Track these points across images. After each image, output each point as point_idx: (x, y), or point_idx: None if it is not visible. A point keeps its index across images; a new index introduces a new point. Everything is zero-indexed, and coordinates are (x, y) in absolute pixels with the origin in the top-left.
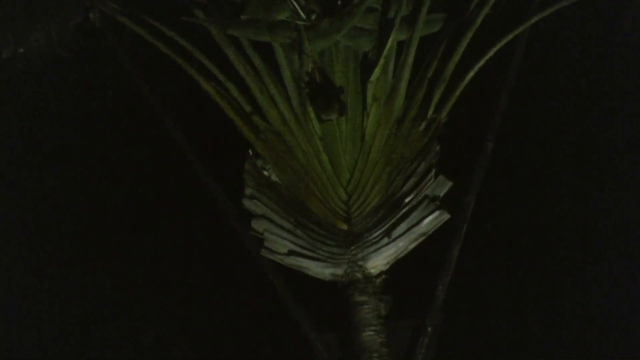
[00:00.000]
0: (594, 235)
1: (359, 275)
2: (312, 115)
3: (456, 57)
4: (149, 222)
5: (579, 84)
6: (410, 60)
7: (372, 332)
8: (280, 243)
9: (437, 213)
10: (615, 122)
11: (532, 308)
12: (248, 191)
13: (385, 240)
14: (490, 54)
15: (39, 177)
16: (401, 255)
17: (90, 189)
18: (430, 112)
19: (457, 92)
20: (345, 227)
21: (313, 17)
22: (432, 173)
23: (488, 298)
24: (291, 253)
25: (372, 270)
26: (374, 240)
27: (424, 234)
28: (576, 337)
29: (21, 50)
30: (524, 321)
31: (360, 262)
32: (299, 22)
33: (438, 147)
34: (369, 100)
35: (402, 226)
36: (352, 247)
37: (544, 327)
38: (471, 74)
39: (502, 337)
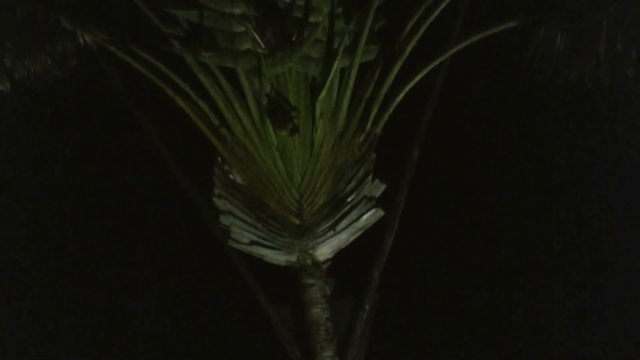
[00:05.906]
0: (509, 219)
1: (308, 261)
2: (270, 128)
3: (389, 81)
4: (136, 219)
5: (491, 107)
6: (352, 83)
7: (319, 309)
8: (243, 234)
9: (373, 210)
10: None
11: (455, 289)
12: (217, 191)
13: (331, 233)
14: (417, 78)
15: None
16: (344, 246)
17: (76, 184)
18: (368, 126)
19: (390, 110)
20: (297, 221)
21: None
22: (370, 177)
23: (416, 280)
24: (253, 243)
25: (320, 258)
26: (321, 233)
27: (362, 228)
28: (495, 310)
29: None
30: (449, 300)
31: (310, 251)
32: (259, 51)
33: (374, 155)
34: (317, 116)
35: (345, 221)
36: (303, 238)
37: (466, 301)
38: (402, 94)
39: (430, 313)
